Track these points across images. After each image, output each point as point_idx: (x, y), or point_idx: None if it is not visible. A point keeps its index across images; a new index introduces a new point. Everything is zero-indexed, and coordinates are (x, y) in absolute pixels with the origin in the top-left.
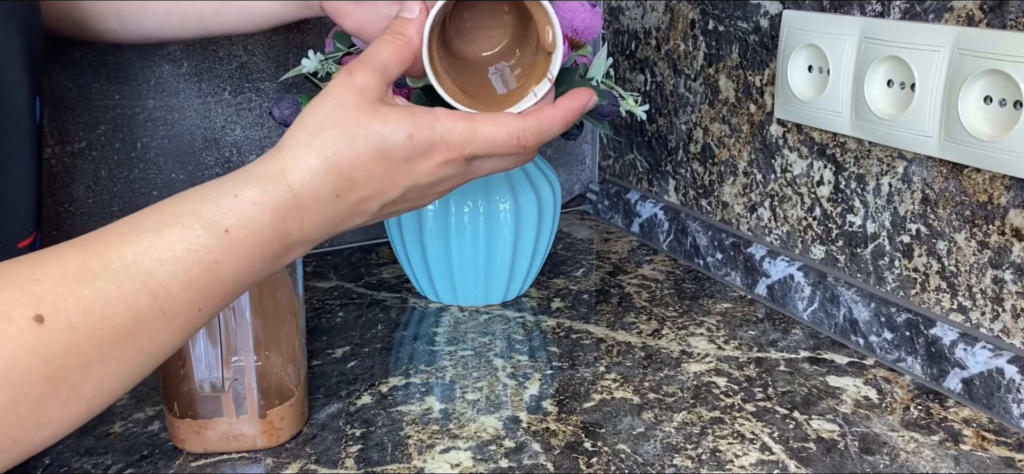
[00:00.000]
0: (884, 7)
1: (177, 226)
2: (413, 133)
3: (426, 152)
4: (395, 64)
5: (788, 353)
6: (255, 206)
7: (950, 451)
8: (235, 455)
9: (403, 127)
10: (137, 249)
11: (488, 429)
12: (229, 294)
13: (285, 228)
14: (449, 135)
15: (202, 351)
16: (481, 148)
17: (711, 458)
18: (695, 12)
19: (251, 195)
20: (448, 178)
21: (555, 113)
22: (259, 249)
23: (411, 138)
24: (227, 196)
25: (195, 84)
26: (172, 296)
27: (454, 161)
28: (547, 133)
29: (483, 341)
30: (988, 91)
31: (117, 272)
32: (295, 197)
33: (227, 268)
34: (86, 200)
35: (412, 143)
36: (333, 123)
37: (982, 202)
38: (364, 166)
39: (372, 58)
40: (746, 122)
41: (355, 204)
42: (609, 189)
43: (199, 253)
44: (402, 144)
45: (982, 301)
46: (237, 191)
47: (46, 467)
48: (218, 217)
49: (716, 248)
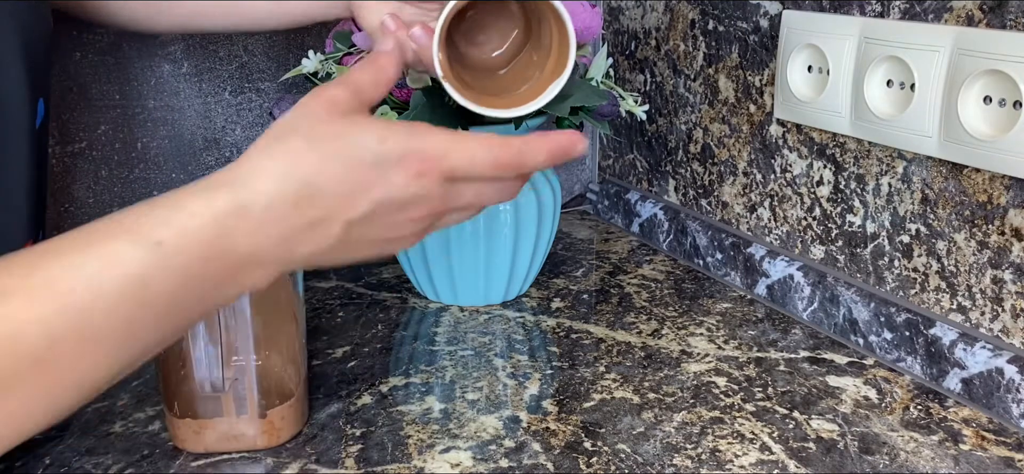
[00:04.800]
0: (884, 7)
1: (106, 241)
2: (386, 137)
3: (400, 158)
4: (370, 87)
5: (788, 353)
6: (194, 217)
7: (950, 451)
8: (235, 455)
9: (374, 132)
10: (59, 266)
11: (488, 429)
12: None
13: (229, 242)
14: (425, 145)
15: (202, 351)
16: (460, 162)
17: (711, 458)
18: (695, 12)
19: (193, 205)
20: (423, 200)
21: (542, 143)
22: (195, 266)
23: (383, 142)
24: (167, 208)
25: (195, 84)
26: (95, 320)
27: (430, 174)
28: (528, 161)
29: (483, 341)
30: (988, 91)
31: (37, 290)
32: (242, 207)
33: (158, 287)
34: (86, 200)
35: (383, 147)
36: (296, 128)
37: (982, 202)
38: (329, 172)
39: (346, 78)
40: (746, 122)
41: (316, 220)
42: (609, 189)
43: (124, 268)
44: (372, 147)
45: (982, 301)
46: (181, 202)
47: (46, 467)
48: (151, 229)
49: (716, 248)
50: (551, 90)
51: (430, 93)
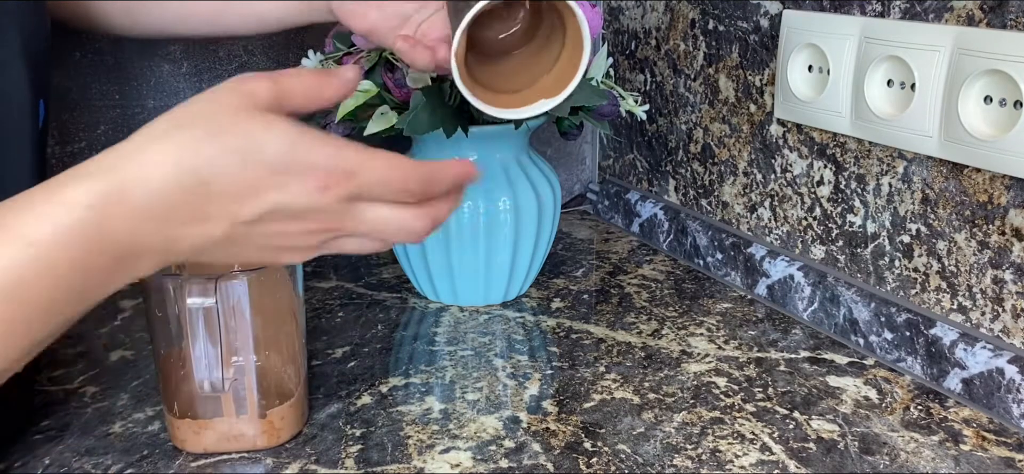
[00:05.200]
0: (884, 7)
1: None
2: (296, 144)
3: (307, 169)
4: (299, 96)
5: (788, 353)
6: (70, 210)
7: (950, 451)
8: (235, 455)
9: (287, 135)
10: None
11: (488, 429)
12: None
13: (109, 233)
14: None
15: (202, 351)
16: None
17: (711, 458)
18: (695, 12)
19: (70, 195)
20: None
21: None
22: (78, 261)
23: (291, 147)
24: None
25: (195, 84)
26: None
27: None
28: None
29: (483, 341)
30: (988, 91)
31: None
32: (123, 193)
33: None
34: None
35: (292, 152)
36: (202, 114)
37: (982, 202)
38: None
39: (278, 76)
40: (746, 122)
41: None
42: (609, 189)
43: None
44: (279, 150)
45: (982, 301)
46: (58, 193)
47: (46, 467)
48: (25, 228)
49: (716, 248)
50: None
51: (430, 93)
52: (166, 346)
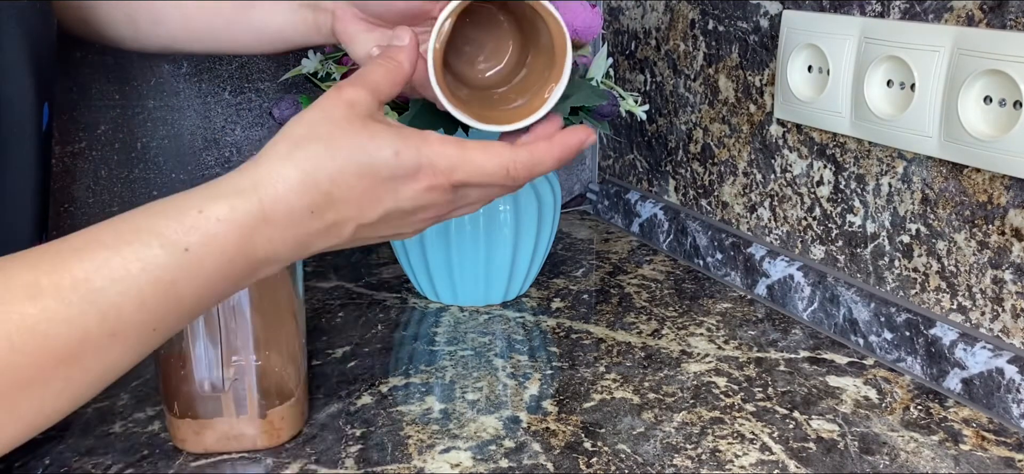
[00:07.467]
0: (884, 7)
1: (135, 243)
2: (400, 151)
3: (412, 173)
4: (386, 85)
5: (788, 353)
6: (219, 223)
7: (950, 451)
8: (235, 455)
9: (390, 144)
10: (90, 267)
11: (488, 429)
12: (187, 313)
13: (251, 246)
14: (437, 158)
15: (202, 351)
16: (469, 175)
17: (711, 458)
18: (695, 12)
19: (217, 211)
20: (431, 206)
21: (550, 149)
22: (222, 269)
23: (397, 155)
24: (191, 212)
25: (195, 84)
26: (123, 316)
27: (439, 187)
28: (537, 168)
29: (483, 341)
30: (988, 91)
31: (66, 290)
32: (264, 213)
33: (185, 288)
34: (86, 200)
35: (398, 161)
36: (317, 135)
37: (982, 202)
38: (345, 182)
39: (363, 77)
40: (746, 122)
41: (331, 224)
42: (609, 189)
43: (155, 272)
44: (387, 161)
45: (982, 301)
46: (202, 207)
47: (46, 467)
48: (179, 235)
49: (716, 248)
50: (551, 100)
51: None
52: (166, 346)
